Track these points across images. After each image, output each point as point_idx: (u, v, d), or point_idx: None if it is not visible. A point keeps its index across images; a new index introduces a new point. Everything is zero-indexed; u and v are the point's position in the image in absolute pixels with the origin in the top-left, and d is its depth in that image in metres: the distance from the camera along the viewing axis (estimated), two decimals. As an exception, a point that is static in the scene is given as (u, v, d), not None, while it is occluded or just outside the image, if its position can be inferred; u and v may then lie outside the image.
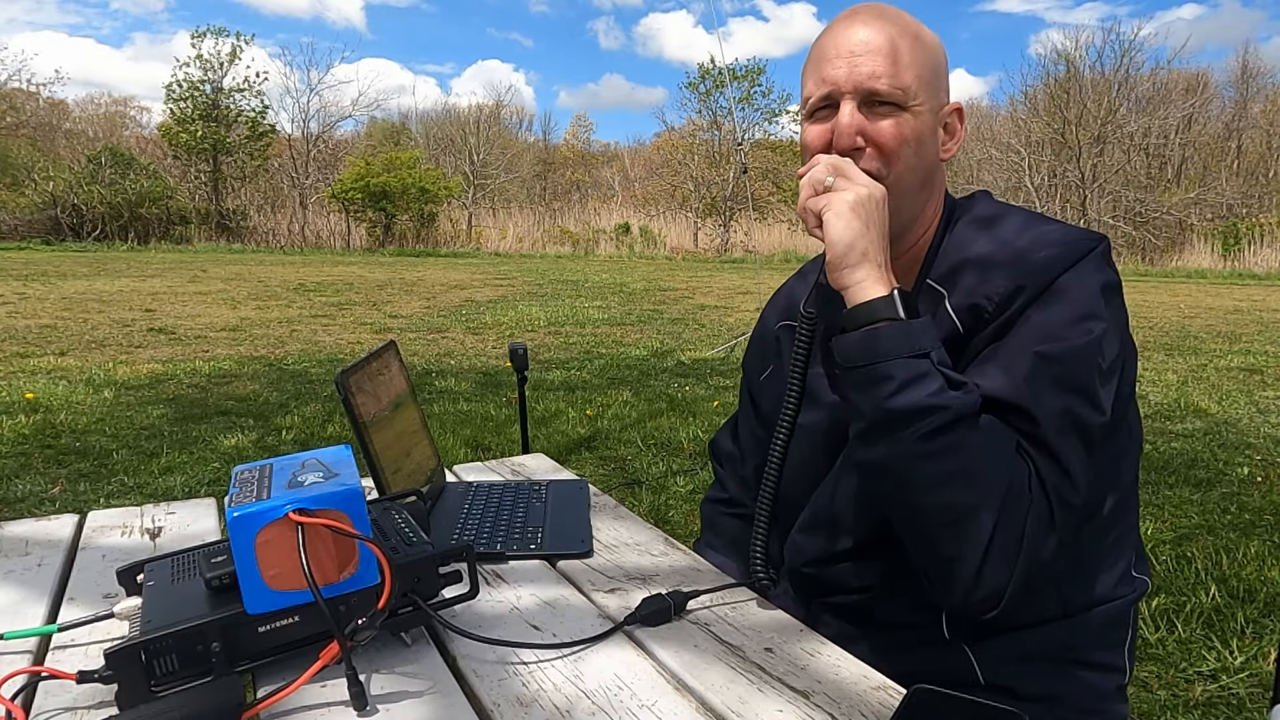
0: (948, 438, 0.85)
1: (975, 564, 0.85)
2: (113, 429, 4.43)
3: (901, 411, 0.86)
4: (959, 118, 1.03)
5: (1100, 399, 0.89)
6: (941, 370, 0.87)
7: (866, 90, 0.95)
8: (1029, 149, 25.17)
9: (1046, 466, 0.86)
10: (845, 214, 0.92)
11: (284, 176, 26.56)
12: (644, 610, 0.93)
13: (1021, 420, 0.87)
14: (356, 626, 0.77)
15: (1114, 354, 0.91)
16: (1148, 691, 2.08)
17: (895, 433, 0.87)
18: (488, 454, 4.09)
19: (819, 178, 0.95)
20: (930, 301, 0.98)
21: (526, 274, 15.92)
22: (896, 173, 0.97)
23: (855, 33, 0.97)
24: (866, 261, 0.91)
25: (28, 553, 1.12)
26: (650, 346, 7.46)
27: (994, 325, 0.92)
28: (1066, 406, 0.87)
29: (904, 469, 0.87)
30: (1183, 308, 11.55)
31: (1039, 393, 0.87)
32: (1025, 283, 0.91)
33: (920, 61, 0.97)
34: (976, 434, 0.86)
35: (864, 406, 0.89)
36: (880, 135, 0.96)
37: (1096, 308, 0.90)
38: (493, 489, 1.33)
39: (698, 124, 27.79)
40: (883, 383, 0.87)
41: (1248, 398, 5.61)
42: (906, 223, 1.02)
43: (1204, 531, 3.16)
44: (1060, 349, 0.88)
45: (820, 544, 1.09)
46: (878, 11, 0.99)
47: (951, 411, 0.85)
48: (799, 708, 0.76)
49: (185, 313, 9.18)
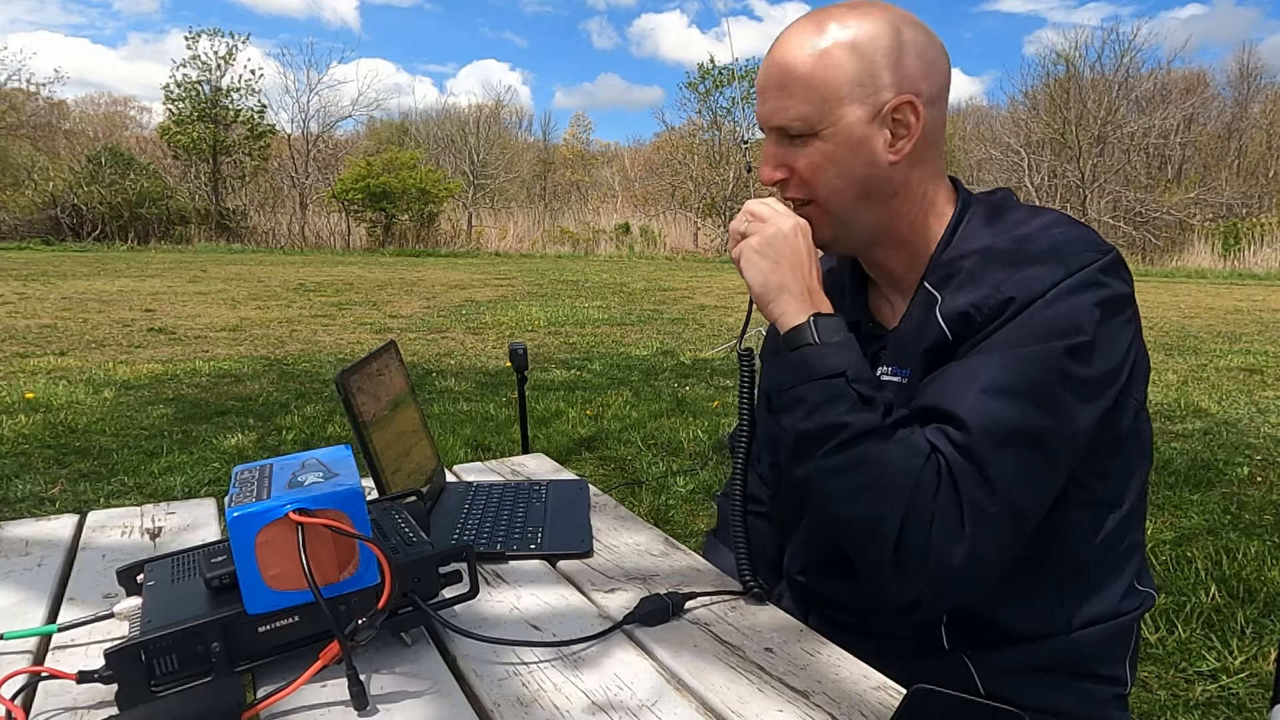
0: (849, 454, 0.89)
1: (889, 572, 0.89)
2: (113, 429, 4.43)
3: (811, 432, 0.91)
4: (913, 110, 0.95)
5: (1066, 413, 0.87)
6: (854, 388, 0.90)
7: (772, 127, 0.99)
8: (1029, 149, 25.17)
9: (966, 476, 0.86)
10: (753, 259, 0.98)
11: (284, 176, 26.56)
12: (642, 610, 0.93)
13: (959, 429, 0.87)
14: (356, 626, 0.77)
15: (1107, 364, 0.89)
16: (1148, 691, 2.08)
17: (809, 452, 0.91)
18: (488, 454, 4.09)
19: (736, 228, 1.01)
20: (924, 306, 0.97)
21: (526, 274, 15.92)
22: (823, 196, 0.99)
23: (766, 66, 1.00)
24: (784, 294, 0.97)
25: (28, 553, 1.12)
26: (650, 346, 7.46)
27: (982, 334, 0.91)
28: (1009, 420, 0.86)
29: (819, 484, 0.92)
30: (1183, 308, 11.55)
31: (979, 401, 0.87)
32: (1016, 294, 0.90)
33: (831, 78, 0.94)
34: (881, 448, 0.88)
35: (785, 427, 0.94)
36: (795, 164, 0.99)
37: (1080, 323, 0.88)
38: (493, 489, 1.33)
39: (697, 124, 27.82)
40: (798, 405, 0.92)
41: (1248, 398, 5.61)
42: (870, 229, 1.01)
43: (1204, 532, 3.16)
44: (1024, 356, 0.87)
45: (812, 552, 1.10)
46: (795, 29, 0.98)
47: (851, 429, 0.89)
48: (799, 708, 0.76)
49: (185, 313, 9.18)
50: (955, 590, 0.88)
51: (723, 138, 26.74)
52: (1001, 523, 0.86)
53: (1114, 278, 0.91)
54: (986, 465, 0.85)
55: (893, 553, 0.87)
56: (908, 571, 0.87)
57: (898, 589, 0.89)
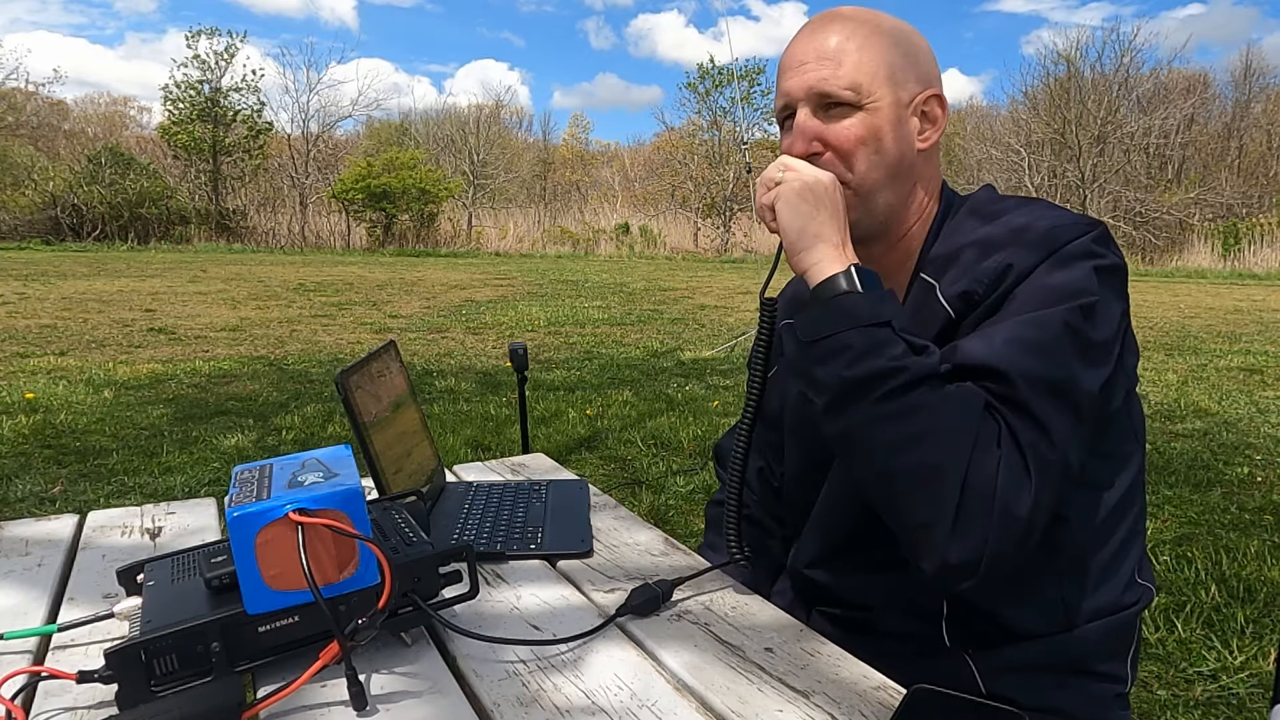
0: (907, 398, 0.84)
1: (947, 527, 0.81)
2: (113, 429, 4.43)
3: (859, 378, 0.85)
4: (939, 104, 1.01)
5: (1084, 371, 0.86)
6: (903, 336, 0.87)
7: (816, 94, 0.98)
8: (1029, 149, 25.17)
9: (1021, 424, 0.83)
10: (793, 201, 0.94)
11: (284, 176, 26.56)
12: (634, 601, 0.93)
13: (998, 383, 0.85)
14: (356, 626, 0.77)
15: (1108, 331, 0.89)
16: (1148, 691, 2.08)
17: (856, 400, 0.85)
18: (488, 454, 4.09)
19: (770, 175, 0.98)
20: (922, 294, 0.98)
21: (526, 274, 15.92)
22: (860, 172, 0.98)
23: (804, 41, 1.00)
24: (820, 242, 0.93)
25: (28, 553, 1.12)
26: (650, 346, 7.46)
27: (985, 305, 0.91)
28: (1045, 371, 0.84)
29: (866, 435, 0.86)
30: (1183, 308, 11.55)
31: (1016, 356, 0.85)
32: (1014, 261, 0.90)
33: (874, 57, 0.97)
34: (938, 394, 0.84)
35: (825, 379, 0.88)
36: (835, 137, 0.98)
37: (1087, 284, 0.88)
38: (493, 489, 1.33)
39: (697, 124, 27.81)
40: (841, 353, 0.86)
41: (1248, 398, 5.61)
42: (887, 215, 1.02)
43: (1204, 531, 3.16)
44: (1041, 317, 0.87)
45: (817, 545, 1.09)
46: (830, 16, 1.00)
47: (909, 373, 0.84)
48: (799, 708, 0.76)
49: (185, 313, 9.18)
50: (1018, 545, 0.83)
51: (723, 138, 26.74)
52: (1058, 470, 0.84)
53: (1106, 248, 0.92)
54: (1039, 412, 0.83)
55: (956, 503, 0.81)
56: (969, 524, 0.81)
57: (955, 548, 0.81)
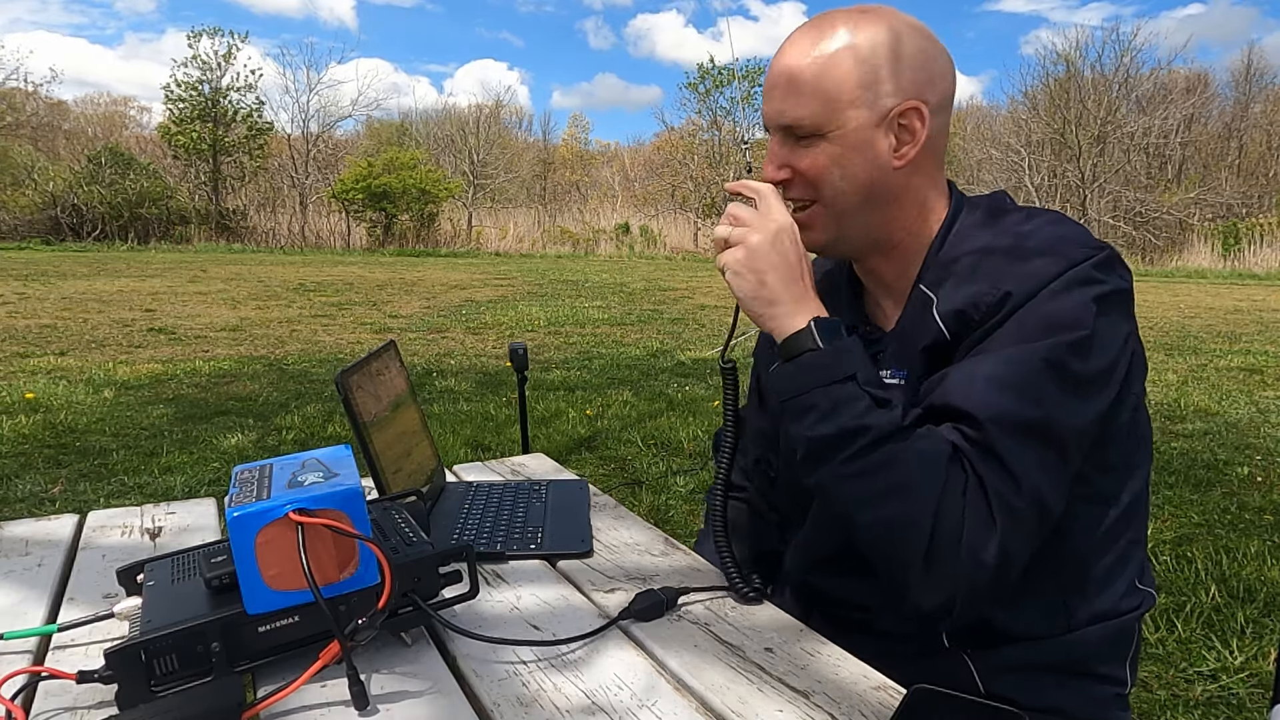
0: (872, 457, 0.87)
1: (919, 574, 0.85)
2: (113, 429, 4.43)
3: (826, 438, 0.88)
4: (919, 117, 0.96)
5: (1067, 408, 0.87)
6: (867, 391, 0.88)
7: (779, 126, 0.98)
8: (1029, 149, 25.16)
9: (989, 470, 0.85)
10: (741, 271, 0.95)
11: (284, 176, 26.55)
12: (637, 605, 0.93)
13: (970, 426, 0.86)
14: (356, 626, 0.77)
15: (1103, 361, 0.89)
16: (1148, 691, 2.08)
17: (824, 459, 0.89)
18: (488, 454, 4.09)
19: (719, 234, 0.99)
20: (919, 307, 0.97)
21: (526, 274, 15.92)
22: (827, 197, 0.98)
23: (777, 62, 0.99)
24: (776, 303, 0.94)
25: (28, 553, 1.12)
26: (650, 346, 7.46)
27: (980, 330, 0.91)
28: (1017, 412, 0.85)
29: (836, 490, 0.90)
30: (1183, 308, 11.55)
31: (991, 398, 0.86)
32: (1014, 289, 0.89)
33: (840, 79, 0.94)
34: (902, 448, 0.86)
35: (795, 436, 0.92)
36: (800, 164, 0.98)
37: (1080, 316, 0.87)
38: (493, 489, 1.33)
39: (697, 124, 27.82)
40: (807, 413, 0.90)
41: (1248, 398, 5.61)
42: (866, 234, 1.01)
43: (1204, 531, 3.16)
44: (1021, 354, 0.87)
45: (815, 550, 1.09)
46: (801, 33, 0.98)
47: (873, 431, 0.87)
48: (799, 708, 0.76)
49: (185, 313, 9.17)
50: (987, 588, 0.86)
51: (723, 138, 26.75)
52: (1029, 516, 0.85)
53: (1109, 273, 0.91)
54: (1007, 458, 0.84)
55: (924, 554, 0.84)
56: (940, 573, 0.85)
57: (928, 592, 0.86)
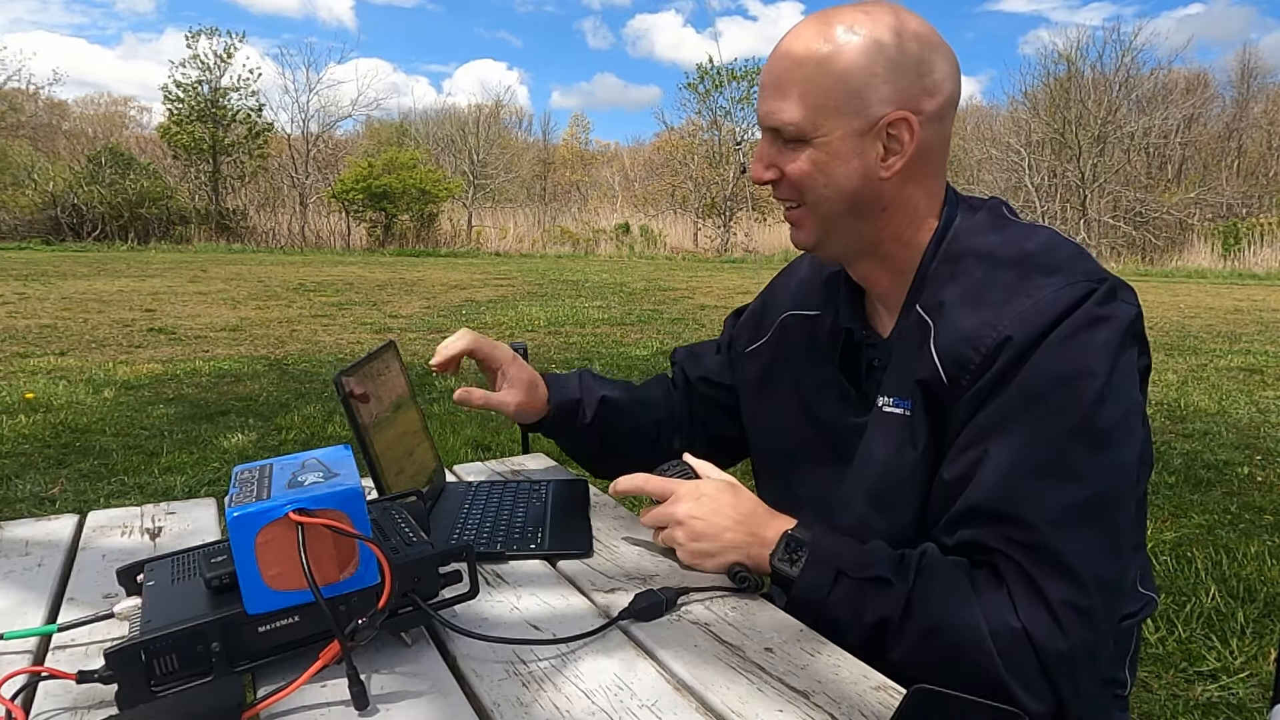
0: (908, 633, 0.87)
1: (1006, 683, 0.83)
2: (113, 429, 4.43)
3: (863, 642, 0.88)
4: (908, 128, 0.92)
5: (1107, 465, 0.84)
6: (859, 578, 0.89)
7: (767, 128, 0.97)
8: (1029, 149, 25.16)
9: (1047, 578, 0.82)
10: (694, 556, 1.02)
11: (284, 176, 26.55)
12: (637, 605, 0.93)
13: (1012, 528, 0.84)
14: (356, 626, 0.77)
15: (1127, 405, 0.86)
16: (1148, 691, 2.08)
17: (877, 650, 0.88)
18: (488, 454, 4.09)
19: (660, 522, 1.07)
20: (917, 332, 0.95)
21: (526, 274, 15.91)
22: (811, 201, 0.98)
23: (771, 60, 0.98)
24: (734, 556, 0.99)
25: (28, 553, 1.11)
26: (650, 346, 7.46)
27: (984, 380, 0.88)
28: (1061, 496, 0.83)
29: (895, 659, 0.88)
30: (1183, 308, 11.55)
31: (1025, 489, 0.83)
32: (1014, 333, 0.86)
33: (827, 84, 0.92)
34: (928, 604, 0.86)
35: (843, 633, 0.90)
36: (786, 167, 0.97)
37: (1090, 367, 0.84)
38: (493, 489, 1.33)
39: (697, 124, 27.82)
40: (834, 627, 0.90)
41: (1248, 398, 5.61)
42: (854, 240, 1.00)
43: (1204, 531, 3.16)
44: (1044, 431, 0.84)
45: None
46: (799, 31, 0.95)
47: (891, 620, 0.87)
48: (799, 708, 0.76)
49: (185, 313, 9.17)
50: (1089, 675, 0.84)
51: (722, 138, 26.73)
52: (1098, 606, 0.83)
53: (1112, 307, 0.88)
54: (1064, 554, 0.82)
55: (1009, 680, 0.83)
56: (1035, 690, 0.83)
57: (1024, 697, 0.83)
